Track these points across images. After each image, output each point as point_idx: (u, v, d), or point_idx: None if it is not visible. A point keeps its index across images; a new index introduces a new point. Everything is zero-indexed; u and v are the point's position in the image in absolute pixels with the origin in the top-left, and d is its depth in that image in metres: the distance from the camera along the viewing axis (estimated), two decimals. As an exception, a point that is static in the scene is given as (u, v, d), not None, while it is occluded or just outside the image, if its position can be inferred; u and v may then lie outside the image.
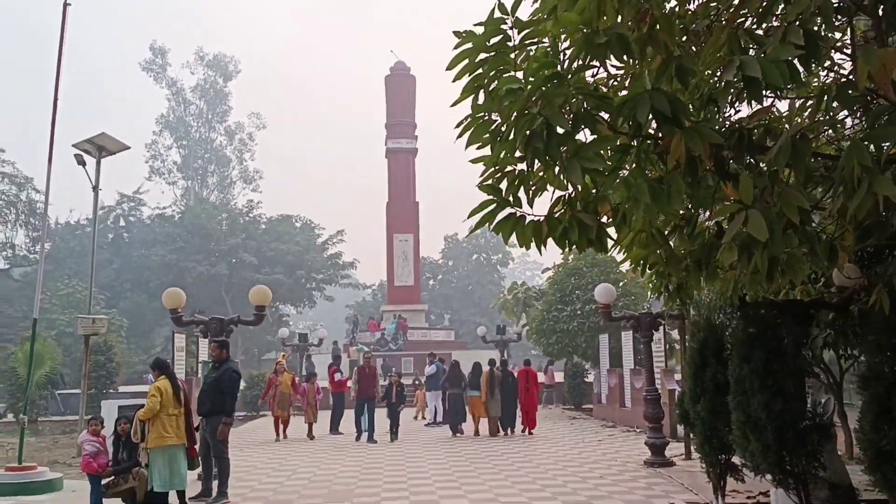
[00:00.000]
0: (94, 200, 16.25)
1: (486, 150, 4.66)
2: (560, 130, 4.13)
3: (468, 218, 4.68)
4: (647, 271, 5.84)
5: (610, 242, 4.96)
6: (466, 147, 4.67)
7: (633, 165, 4.52)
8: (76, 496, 9.15)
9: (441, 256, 76.60)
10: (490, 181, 4.69)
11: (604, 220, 4.75)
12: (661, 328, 14.71)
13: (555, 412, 25.22)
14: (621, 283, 24.66)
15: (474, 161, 4.77)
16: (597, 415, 22.92)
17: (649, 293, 10.81)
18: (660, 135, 4.20)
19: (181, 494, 8.84)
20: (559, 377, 29.18)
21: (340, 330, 68.05)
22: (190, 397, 9.34)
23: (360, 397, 16.83)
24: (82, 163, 15.56)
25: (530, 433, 17.81)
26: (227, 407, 9.35)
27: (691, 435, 9.29)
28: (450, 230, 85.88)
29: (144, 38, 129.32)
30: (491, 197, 4.64)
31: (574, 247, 4.66)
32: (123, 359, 31.30)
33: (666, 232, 5.33)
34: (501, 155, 4.57)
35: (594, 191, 4.63)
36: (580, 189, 4.60)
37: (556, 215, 4.63)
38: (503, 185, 4.69)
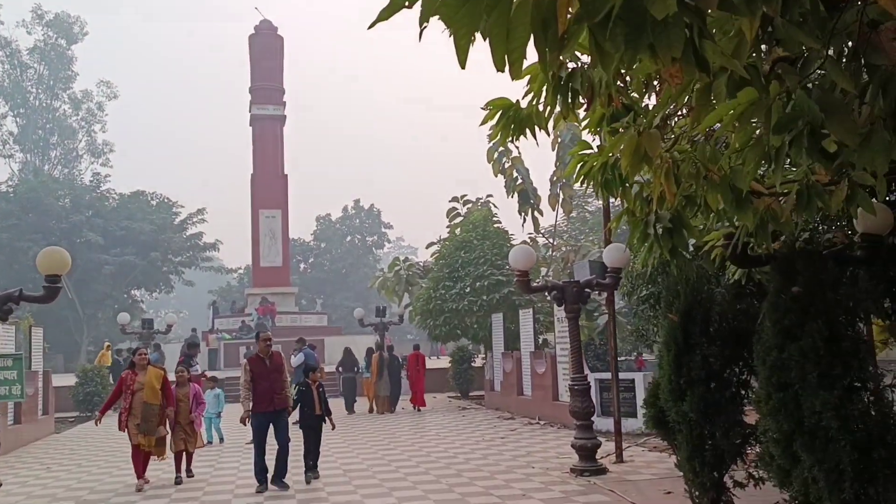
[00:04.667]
0: None
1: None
2: None
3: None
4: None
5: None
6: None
7: None
8: None
9: (313, 238, 72.60)
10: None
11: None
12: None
13: (440, 401, 22.66)
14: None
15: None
16: (489, 404, 20.49)
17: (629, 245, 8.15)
18: None
19: None
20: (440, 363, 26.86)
21: (203, 317, 63.04)
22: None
23: (258, 411, 9.29)
24: None
25: (419, 409, 19.97)
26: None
27: (658, 442, 6.81)
28: (322, 210, 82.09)
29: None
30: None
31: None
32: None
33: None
34: None
35: None
36: None
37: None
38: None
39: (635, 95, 5.00)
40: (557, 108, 5.02)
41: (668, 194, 4.77)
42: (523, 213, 24.33)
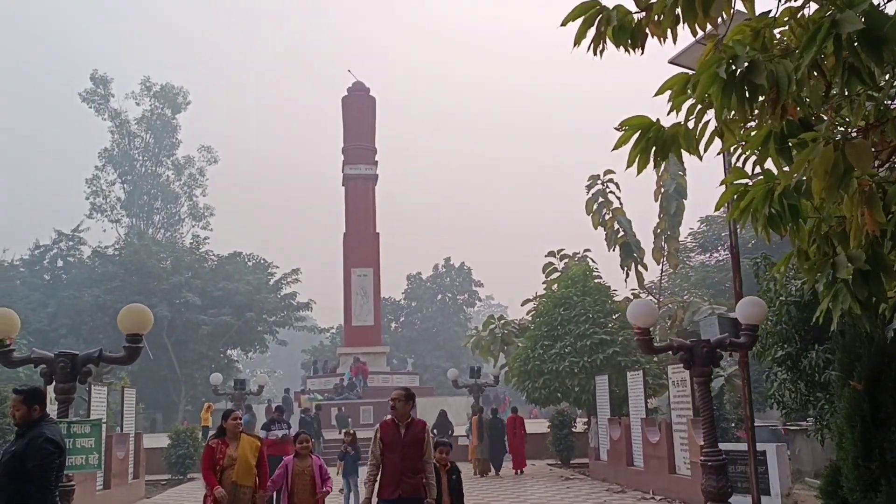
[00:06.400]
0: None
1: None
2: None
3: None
4: None
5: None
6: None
7: None
8: None
9: (403, 297, 72.47)
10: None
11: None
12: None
13: (540, 468, 21.27)
14: (615, 315, 21.07)
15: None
16: (594, 474, 18.97)
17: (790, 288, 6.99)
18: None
19: None
20: (538, 427, 25.54)
21: (296, 377, 63.12)
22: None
23: (382, 497, 6.62)
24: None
25: (520, 472, 19.91)
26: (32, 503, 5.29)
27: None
28: (412, 269, 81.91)
29: (84, 66, 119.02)
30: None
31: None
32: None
33: None
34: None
35: None
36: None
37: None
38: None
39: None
40: (711, 125, 4.13)
41: (870, 226, 3.73)
42: (626, 268, 23.04)
